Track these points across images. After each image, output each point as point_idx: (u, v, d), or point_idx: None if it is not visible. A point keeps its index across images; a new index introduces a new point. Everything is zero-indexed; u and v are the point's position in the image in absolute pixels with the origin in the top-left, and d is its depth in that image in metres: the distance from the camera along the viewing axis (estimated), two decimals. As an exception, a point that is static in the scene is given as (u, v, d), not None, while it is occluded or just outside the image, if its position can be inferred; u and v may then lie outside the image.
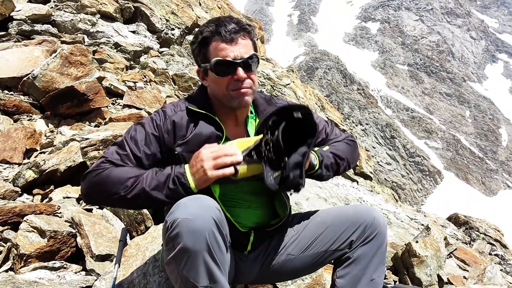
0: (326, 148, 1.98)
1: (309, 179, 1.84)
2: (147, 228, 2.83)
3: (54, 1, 8.07)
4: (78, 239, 2.62)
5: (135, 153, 1.71)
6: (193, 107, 1.81)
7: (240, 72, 1.73)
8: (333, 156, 1.94)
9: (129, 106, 5.11)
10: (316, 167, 1.84)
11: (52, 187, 3.42)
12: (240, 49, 1.75)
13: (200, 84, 1.93)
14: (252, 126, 1.91)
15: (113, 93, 5.36)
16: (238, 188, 1.83)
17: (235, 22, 1.77)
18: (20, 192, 3.33)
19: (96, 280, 2.32)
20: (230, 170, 1.59)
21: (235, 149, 1.61)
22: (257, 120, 1.89)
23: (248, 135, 1.87)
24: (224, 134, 1.79)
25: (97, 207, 3.12)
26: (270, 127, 1.63)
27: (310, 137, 1.67)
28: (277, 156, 1.62)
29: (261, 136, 1.65)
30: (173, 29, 9.60)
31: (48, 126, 4.48)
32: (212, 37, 1.75)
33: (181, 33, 9.80)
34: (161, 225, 2.35)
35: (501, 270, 4.43)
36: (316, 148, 1.93)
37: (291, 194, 1.80)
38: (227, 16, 1.81)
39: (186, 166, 1.64)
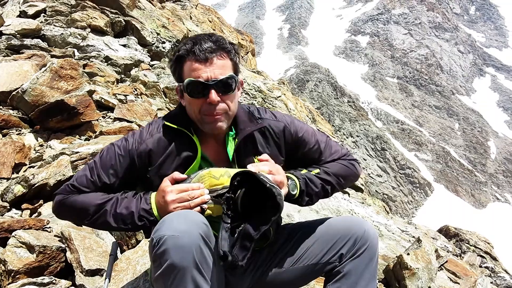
0: (316, 171, 1.90)
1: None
2: (138, 242, 2.80)
3: (44, 16, 8.06)
4: (68, 254, 2.59)
5: (102, 178, 1.72)
6: (170, 123, 1.77)
7: (213, 95, 1.65)
8: (320, 183, 1.87)
9: (120, 119, 5.09)
10: (295, 196, 1.79)
11: (41, 201, 3.38)
12: (214, 70, 1.65)
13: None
14: (231, 145, 1.84)
15: (104, 107, 5.34)
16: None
17: (213, 40, 1.68)
18: (8, 207, 3.29)
19: (86, 295, 2.29)
20: (197, 209, 1.59)
21: (202, 190, 1.61)
22: (236, 140, 1.81)
23: (227, 154, 1.82)
24: (199, 154, 1.75)
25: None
26: (235, 186, 1.56)
27: (274, 214, 1.53)
28: (235, 216, 1.57)
29: (229, 181, 1.59)
30: (164, 43, 9.62)
31: (37, 140, 4.44)
32: (186, 56, 1.68)
33: (172, 46, 9.82)
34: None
35: (491, 282, 4.44)
36: (303, 171, 1.88)
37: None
38: (208, 34, 1.73)
39: (153, 200, 1.66)
